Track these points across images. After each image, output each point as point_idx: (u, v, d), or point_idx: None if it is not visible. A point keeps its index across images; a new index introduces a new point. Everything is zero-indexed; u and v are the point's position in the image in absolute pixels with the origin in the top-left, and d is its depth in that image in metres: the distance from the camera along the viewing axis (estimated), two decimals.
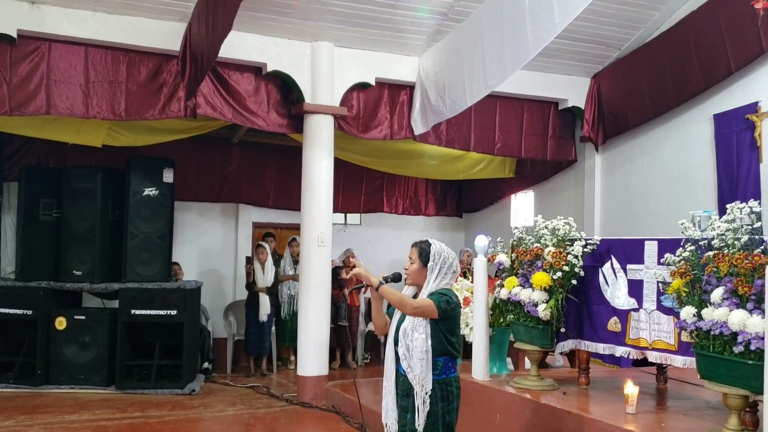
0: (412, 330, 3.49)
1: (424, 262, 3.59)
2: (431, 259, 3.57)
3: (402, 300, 3.51)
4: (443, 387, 3.51)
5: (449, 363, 3.56)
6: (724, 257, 3.30)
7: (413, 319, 3.51)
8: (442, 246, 3.64)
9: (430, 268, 3.57)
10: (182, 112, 7.21)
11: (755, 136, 6.83)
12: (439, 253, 3.59)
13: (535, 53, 5.68)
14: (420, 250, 3.63)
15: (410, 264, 3.67)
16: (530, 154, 9.10)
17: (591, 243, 4.52)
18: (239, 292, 9.93)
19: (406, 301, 3.50)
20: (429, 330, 3.47)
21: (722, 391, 3.31)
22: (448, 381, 3.54)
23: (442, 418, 3.50)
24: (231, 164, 10.05)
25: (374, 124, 8.13)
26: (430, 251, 3.59)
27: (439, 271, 3.57)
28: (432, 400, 3.47)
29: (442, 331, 3.50)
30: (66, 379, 7.78)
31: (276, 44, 7.50)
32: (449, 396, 3.53)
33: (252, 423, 6.82)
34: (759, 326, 3.07)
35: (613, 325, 4.40)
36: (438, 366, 3.50)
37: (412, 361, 3.46)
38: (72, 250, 8.06)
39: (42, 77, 6.76)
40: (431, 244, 3.63)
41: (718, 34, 7.04)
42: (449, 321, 3.54)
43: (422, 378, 3.44)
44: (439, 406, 3.49)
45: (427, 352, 3.45)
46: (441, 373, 3.51)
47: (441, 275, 3.58)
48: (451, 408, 3.54)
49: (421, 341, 3.45)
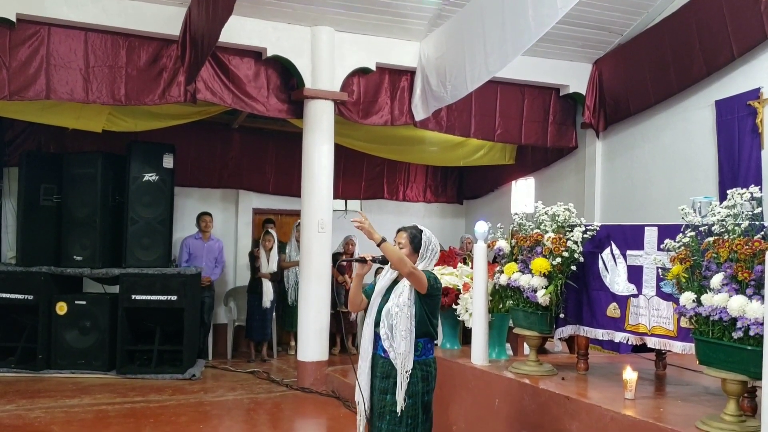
0: (397, 310, 3.54)
1: (415, 248, 3.67)
2: (423, 245, 3.68)
3: (402, 259, 3.50)
4: (423, 368, 3.57)
5: (428, 344, 3.63)
6: (724, 243, 3.29)
7: (398, 299, 3.56)
8: (430, 233, 3.74)
9: (421, 254, 3.67)
10: (182, 97, 7.19)
11: (757, 123, 6.81)
12: (429, 240, 3.71)
13: (536, 38, 5.66)
14: (411, 236, 3.69)
15: (401, 248, 3.68)
16: (531, 140, 9.08)
17: (591, 229, 4.51)
18: (239, 278, 9.96)
19: (406, 261, 3.51)
20: (414, 310, 3.53)
21: (721, 377, 3.31)
22: (428, 362, 3.61)
23: (422, 398, 3.56)
24: (231, 150, 10.04)
25: (375, 109, 8.11)
26: (422, 238, 3.68)
27: (427, 257, 3.70)
28: (413, 380, 3.52)
29: (426, 312, 3.58)
30: (67, 363, 7.81)
31: (276, 29, 7.47)
32: (428, 377, 3.60)
33: (252, 408, 6.85)
34: (758, 312, 3.07)
35: (612, 311, 4.40)
36: (419, 347, 3.56)
37: (395, 341, 3.51)
38: (73, 235, 8.07)
39: (42, 62, 6.73)
40: (422, 230, 3.72)
41: (720, 19, 7.00)
42: (432, 301, 3.63)
43: (404, 357, 3.49)
44: (420, 386, 3.55)
45: (411, 331, 3.50)
46: (421, 354, 3.57)
47: (428, 260, 3.70)
48: (430, 388, 3.62)
49: (406, 320, 3.50)
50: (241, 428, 6.30)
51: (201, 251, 8.96)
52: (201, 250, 8.96)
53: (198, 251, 8.94)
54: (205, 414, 6.55)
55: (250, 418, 6.60)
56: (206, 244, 9.02)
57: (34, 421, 6.00)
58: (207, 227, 9.04)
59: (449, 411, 5.13)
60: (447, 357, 5.34)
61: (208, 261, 8.95)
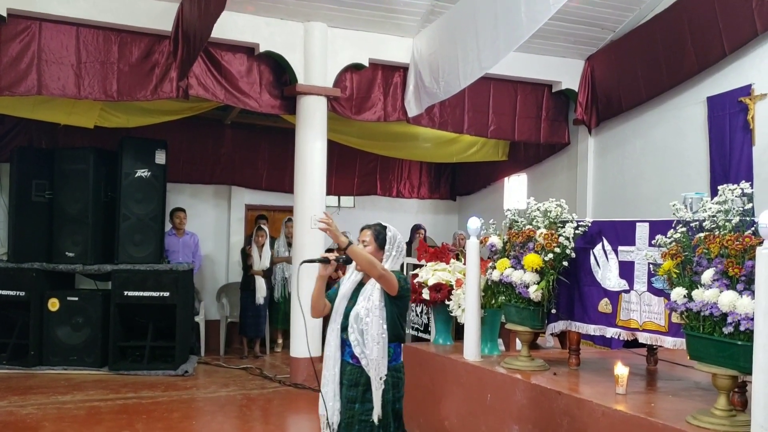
0: (367, 314, 3.38)
1: (380, 245, 3.53)
2: (388, 242, 3.52)
3: (372, 261, 3.36)
4: (393, 374, 3.43)
5: (398, 349, 3.50)
6: (715, 239, 3.30)
7: (367, 303, 3.40)
8: (396, 230, 3.59)
9: (386, 252, 3.52)
10: (174, 92, 7.18)
11: (748, 119, 6.84)
12: (395, 237, 3.55)
13: (528, 35, 5.67)
14: (376, 233, 3.55)
15: (364, 247, 3.55)
16: (523, 136, 9.09)
17: (582, 225, 4.52)
18: (232, 275, 9.94)
19: (376, 263, 3.37)
20: (385, 314, 3.39)
21: (711, 372, 3.33)
22: (398, 368, 3.47)
23: (392, 405, 3.42)
24: (223, 146, 10.02)
25: (367, 105, 8.10)
26: (387, 235, 3.53)
27: (393, 255, 3.53)
28: (384, 387, 3.37)
29: (396, 315, 3.44)
30: (59, 360, 7.80)
31: (269, 24, 7.45)
32: (399, 383, 3.47)
33: (245, 404, 6.85)
34: (748, 307, 3.08)
35: (603, 306, 4.41)
36: (389, 352, 3.41)
37: (367, 347, 3.35)
38: (64, 231, 8.05)
39: (33, 57, 6.70)
40: (387, 227, 3.57)
41: (712, 16, 7.02)
42: (403, 303, 3.50)
43: (377, 363, 3.34)
44: (391, 394, 3.41)
45: (383, 336, 3.36)
46: (392, 360, 3.42)
47: (393, 259, 3.53)
48: (400, 395, 3.48)
49: (378, 325, 3.35)
50: (234, 424, 6.30)
51: (177, 247, 8.92)
52: (177, 246, 8.93)
53: (174, 247, 8.90)
54: (198, 410, 6.55)
55: (242, 414, 6.60)
56: (181, 240, 9.00)
57: (25, 418, 5.98)
58: (181, 223, 9.01)
59: (441, 406, 5.15)
60: (439, 352, 5.34)
61: (185, 256, 8.90)
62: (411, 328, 6.57)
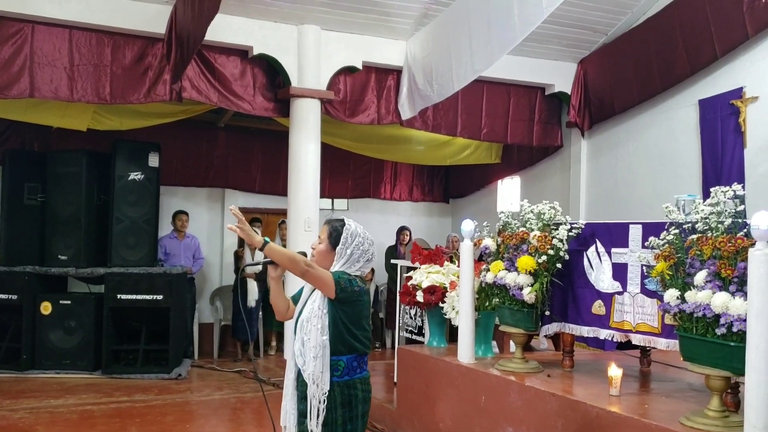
0: (308, 321, 2.99)
1: (333, 244, 3.06)
2: (342, 242, 3.04)
3: (292, 258, 2.92)
4: (344, 390, 2.99)
5: (354, 362, 3.03)
6: (707, 240, 3.32)
7: (310, 309, 3.00)
8: (358, 228, 3.10)
9: (338, 252, 3.05)
10: (168, 95, 7.17)
11: (740, 122, 6.88)
12: (354, 235, 3.06)
13: (521, 38, 5.70)
14: (331, 229, 3.09)
15: (317, 243, 3.15)
16: (516, 139, 9.12)
17: (576, 227, 4.53)
18: (226, 278, 9.93)
19: (298, 260, 2.91)
20: (326, 320, 2.96)
21: (704, 373, 3.34)
22: (352, 383, 3.02)
23: (342, 427, 2.99)
24: (217, 149, 10.01)
25: (361, 108, 8.12)
26: (343, 232, 3.06)
27: (350, 256, 3.05)
28: (330, 405, 2.96)
29: (344, 323, 2.98)
30: (52, 364, 7.75)
31: (262, 27, 7.46)
32: (352, 401, 3.01)
33: (239, 407, 6.83)
34: (741, 308, 3.10)
35: (597, 308, 4.43)
36: (340, 366, 2.98)
37: (306, 358, 2.97)
38: (57, 234, 8.01)
39: (25, 60, 6.70)
40: (346, 224, 3.09)
41: (703, 19, 7.06)
42: (352, 310, 3.01)
43: (317, 377, 2.94)
44: (339, 413, 2.98)
45: (323, 347, 2.94)
46: (343, 375, 2.99)
47: (351, 261, 3.05)
48: (354, 414, 3.02)
49: (316, 333, 2.95)
50: (228, 427, 6.28)
51: (177, 249, 8.90)
52: (177, 249, 8.90)
53: (174, 250, 8.88)
54: (192, 413, 6.52)
55: (236, 417, 6.58)
56: (182, 242, 8.98)
57: (18, 422, 5.94)
58: (183, 226, 8.99)
59: (436, 408, 5.15)
60: (434, 355, 5.35)
61: (186, 259, 8.88)
62: (405, 330, 6.58)
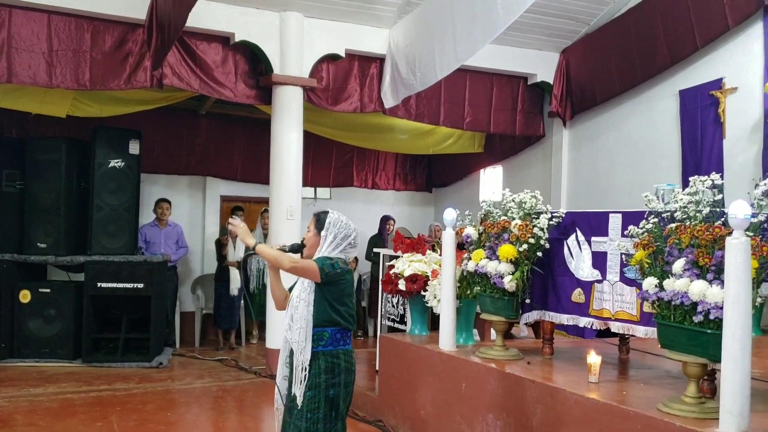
0: (297, 297, 3.45)
1: (318, 230, 3.53)
2: (326, 227, 3.50)
3: (279, 257, 3.40)
4: (328, 359, 3.42)
5: (338, 335, 3.46)
6: (686, 229, 3.35)
7: (300, 288, 3.46)
8: (341, 216, 3.57)
9: (323, 236, 3.50)
10: (148, 82, 7.10)
11: (719, 112, 6.94)
12: (336, 222, 3.52)
13: (504, 26, 5.69)
14: (317, 219, 3.57)
15: (307, 233, 3.61)
16: (499, 129, 9.14)
17: (556, 216, 4.56)
18: (207, 266, 9.89)
19: (282, 259, 3.39)
20: (312, 297, 3.41)
21: (682, 360, 3.38)
22: (335, 353, 3.44)
23: (326, 391, 3.39)
24: (198, 136, 9.94)
25: (344, 96, 8.08)
26: (326, 219, 3.53)
27: (333, 239, 3.49)
28: (315, 371, 3.39)
29: (328, 300, 3.42)
30: (31, 352, 7.70)
31: (244, 14, 7.39)
32: (335, 369, 3.42)
33: (220, 395, 6.83)
34: (718, 296, 3.14)
35: (577, 296, 4.47)
36: (324, 336, 3.42)
37: (294, 331, 3.42)
38: (36, 222, 7.94)
39: (3, 45, 6.58)
40: (329, 213, 3.57)
41: (684, 10, 7.11)
42: (335, 288, 3.43)
43: (301, 347, 3.39)
44: (323, 378, 3.40)
45: (308, 321, 3.39)
46: (327, 344, 3.43)
47: (334, 244, 3.49)
48: (336, 381, 3.43)
49: (303, 309, 3.40)
50: (209, 416, 6.28)
51: (158, 238, 8.84)
52: (158, 237, 8.85)
53: (155, 238, 8.83)
54: (173, 402, 6.51)
55: (217, 405, 6.58)
56: (164, 231, 8.92)
57: None
58: (164, 214, 8.93)
59: (417, 395, 5.18)
60: (415, 342, 5.38)
61: (167, 247, 8.81)
62: (387, 318, 6.60)
